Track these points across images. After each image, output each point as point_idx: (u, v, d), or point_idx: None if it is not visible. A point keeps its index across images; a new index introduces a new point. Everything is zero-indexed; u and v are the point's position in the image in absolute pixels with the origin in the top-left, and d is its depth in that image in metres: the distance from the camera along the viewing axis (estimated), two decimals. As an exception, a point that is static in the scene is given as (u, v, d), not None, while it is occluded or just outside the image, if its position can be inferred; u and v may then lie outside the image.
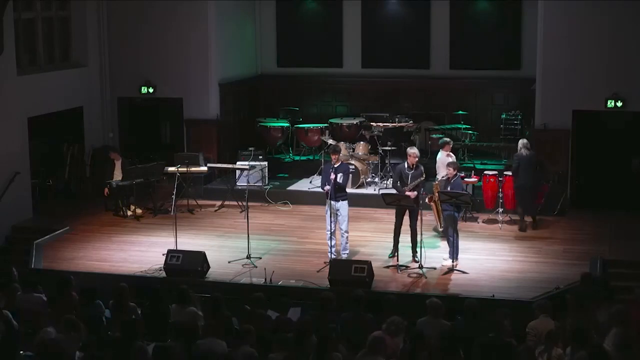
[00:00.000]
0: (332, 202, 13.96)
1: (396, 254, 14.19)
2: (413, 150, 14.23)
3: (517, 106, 19.46)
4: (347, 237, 14.23)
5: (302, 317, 10.60)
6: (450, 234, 13.90)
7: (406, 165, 14.22)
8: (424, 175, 14.23)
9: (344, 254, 14.22)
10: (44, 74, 18.06)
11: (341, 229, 14.16)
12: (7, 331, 9.62)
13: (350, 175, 16.03)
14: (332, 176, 13.81)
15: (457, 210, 14.00)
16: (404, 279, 13.54)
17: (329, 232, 14.05)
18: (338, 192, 13.97)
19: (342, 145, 17.28)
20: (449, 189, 13.87)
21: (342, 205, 14.06)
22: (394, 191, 14.56)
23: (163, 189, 17.77)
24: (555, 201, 16.62)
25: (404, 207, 14.05)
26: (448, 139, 16.11)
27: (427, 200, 14.26)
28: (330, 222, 13.95)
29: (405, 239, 14.22)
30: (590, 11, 16.67)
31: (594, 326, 9.85)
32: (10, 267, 11.89)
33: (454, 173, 14.11)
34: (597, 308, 10.63)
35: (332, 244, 14.06)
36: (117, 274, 13.66)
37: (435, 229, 15.20)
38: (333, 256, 13.95)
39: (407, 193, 13.93)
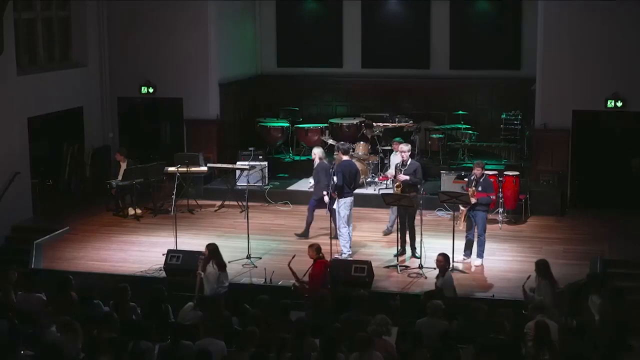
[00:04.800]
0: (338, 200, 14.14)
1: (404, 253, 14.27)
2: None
3: (517, 106, 19.44)
4: (345, 237, 14.24)
5: (301, 317, 10.60)
6: (480, 233, 13.93)
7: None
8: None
9: (345, 254, 14.23)
10: (44, 74, 18.03)
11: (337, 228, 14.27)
12: (7, 331, 9.64)
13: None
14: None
15: (486, 210, 14.04)
16: (404, 279, 13.55)
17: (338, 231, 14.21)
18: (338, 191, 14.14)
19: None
20: (479, 188, 13.88)
21: (338, 204, 14.16)
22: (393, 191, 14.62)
23: (163, 189, 17.78)
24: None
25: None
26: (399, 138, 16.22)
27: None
28: (331, 221, 14.04)
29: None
30: (590, 11, 16.68)
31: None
32: (10, 269, 11.85)
33: (482, 172, 14.10)
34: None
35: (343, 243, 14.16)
36: (117, 274, 13.68)
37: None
38: (336, 256, 13.97)
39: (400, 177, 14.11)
